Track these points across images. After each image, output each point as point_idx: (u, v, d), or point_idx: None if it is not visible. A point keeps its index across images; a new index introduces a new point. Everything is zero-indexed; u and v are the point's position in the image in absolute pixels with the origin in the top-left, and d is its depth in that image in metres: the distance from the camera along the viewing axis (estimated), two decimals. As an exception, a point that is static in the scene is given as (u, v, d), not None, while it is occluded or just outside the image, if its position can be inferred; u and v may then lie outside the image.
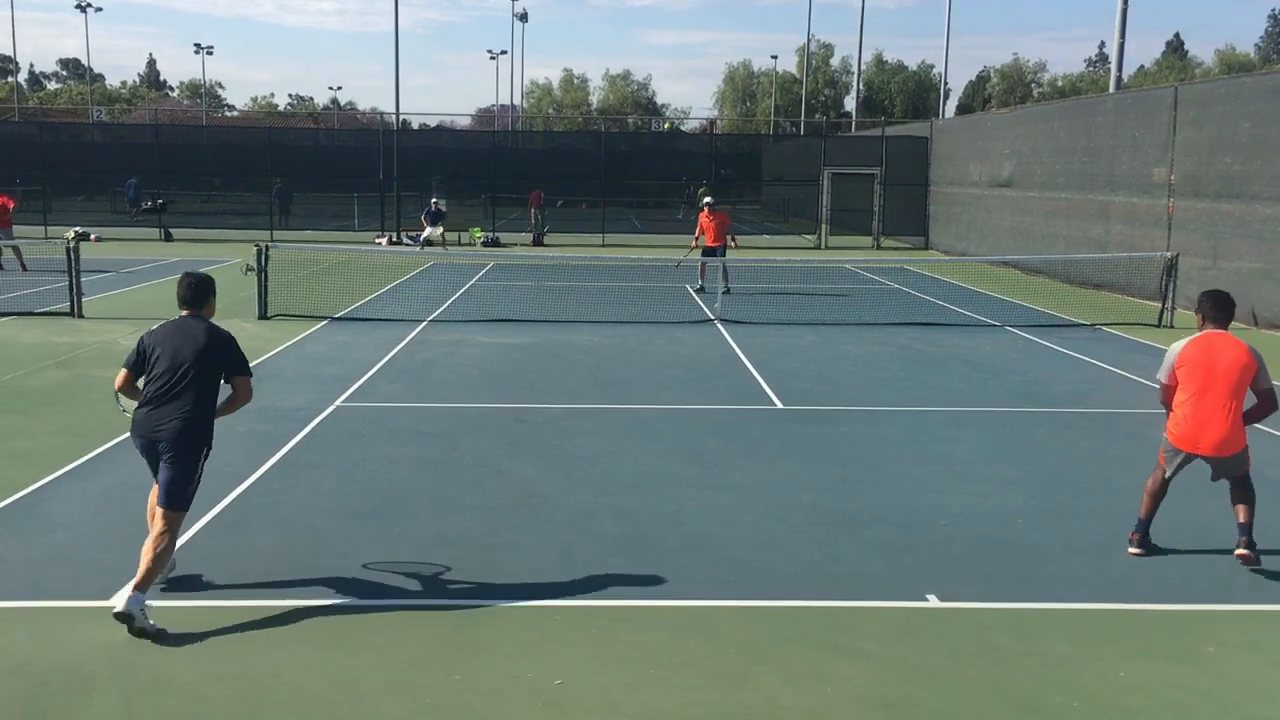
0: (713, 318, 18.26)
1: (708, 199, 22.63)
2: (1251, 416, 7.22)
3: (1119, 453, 10.11)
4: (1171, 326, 17.78)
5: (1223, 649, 6.00)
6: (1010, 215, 28.65)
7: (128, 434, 10.01)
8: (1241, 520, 7.15)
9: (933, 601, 6.57)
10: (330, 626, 6.13)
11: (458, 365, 13.94)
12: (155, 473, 6.52)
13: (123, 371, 6.63)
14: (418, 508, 8.19)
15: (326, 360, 14.10)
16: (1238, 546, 7.07)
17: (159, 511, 6.35)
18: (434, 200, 32.86)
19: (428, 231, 31.82)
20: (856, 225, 37.73)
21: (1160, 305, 18.32)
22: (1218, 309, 7.36)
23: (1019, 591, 6.78)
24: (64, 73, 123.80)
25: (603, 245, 34.18)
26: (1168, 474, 7.46)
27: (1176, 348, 7.34)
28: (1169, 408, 7.46)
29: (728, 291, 21.37)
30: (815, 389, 12.80)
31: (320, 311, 18.03)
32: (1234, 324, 7.71)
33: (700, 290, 21.81)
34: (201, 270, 7.19)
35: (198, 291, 6.69)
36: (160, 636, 5.90)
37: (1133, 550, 7.39)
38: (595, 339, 16.08)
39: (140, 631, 5.89)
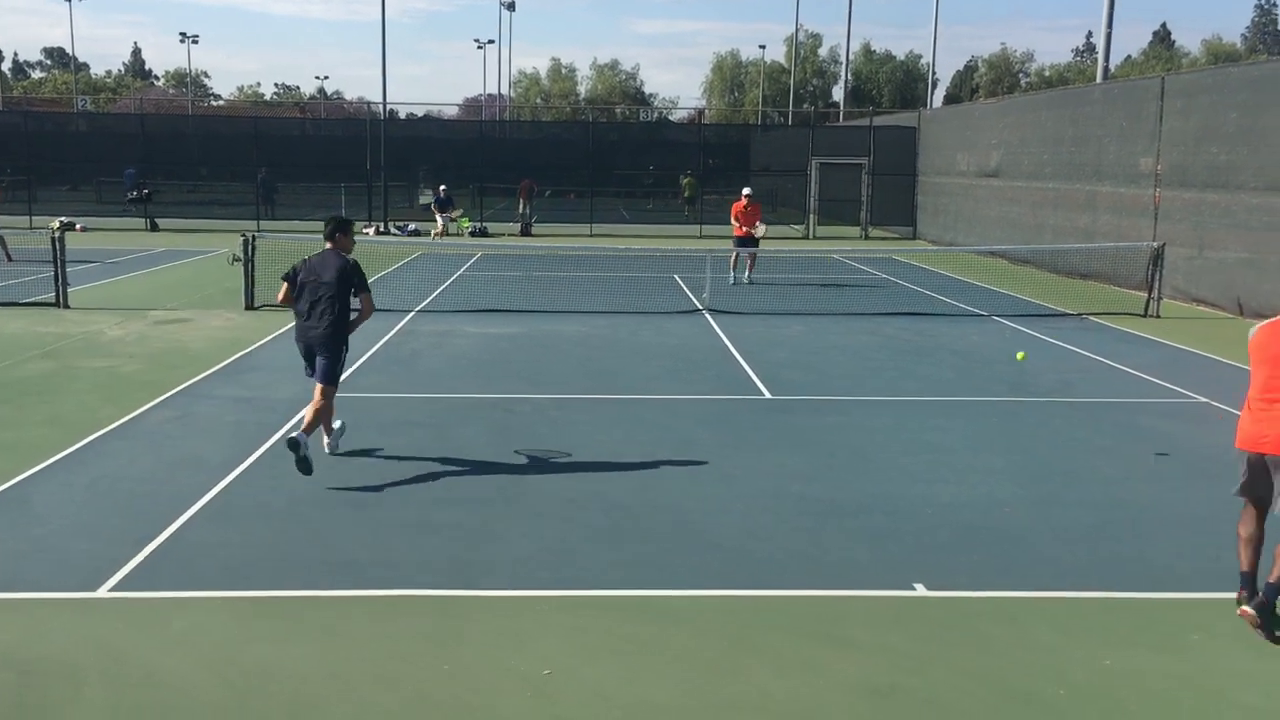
0: (701, 308, 18.27)
1: (747, 190, 22.66)
2: None
3: (1105, 442, 10.15)
4: (1158, 316, 17.84)
5: (1207, 637, 6.04)
6: (998, 205, 28.69)
7: (113, 425, 10.04)
8: (1272, 579, 5.90)
9: (920, 590, 6.60)
10: (318, 617, 6.12)
11: (446, 355, 13.92)
12: (310, 365, 9.02)
13: (283, 289, 9.11)
14: (405, 498, 8.18)
15: (314, 351, 14.04)
16: (1251, 601, 5.99)
17: (318, 388, 8.86)
18: (441, 187, 32.50)
19: (441, 222, 31.34)
20: (844, 215, 37.75)
21: (1146, 295, 18.38)
22: None
23: (1006, 580, 6.81)
24: (48, 62, 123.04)
25: (590, 235, 34.13)
26: (1238, 491, 6.34)
27: (1250, 332, 6.32)
28: None
29: (751, 282, 21.42)
30: (803, 379, 12.82)
31: (307, 302, 17.94)
32: (1218, 312, 7.71)
33: (735, 284, 21.64)
34: (341, 215, 9.34)
35: (336, 228, 9.10)
36: (306, 465, 8.17)
37: (1242, 610, 6.02)
38: (584, 329, 16.07)
39: (304, 460, 8.21)
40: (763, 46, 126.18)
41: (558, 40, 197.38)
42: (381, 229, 34.53)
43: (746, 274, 22.21)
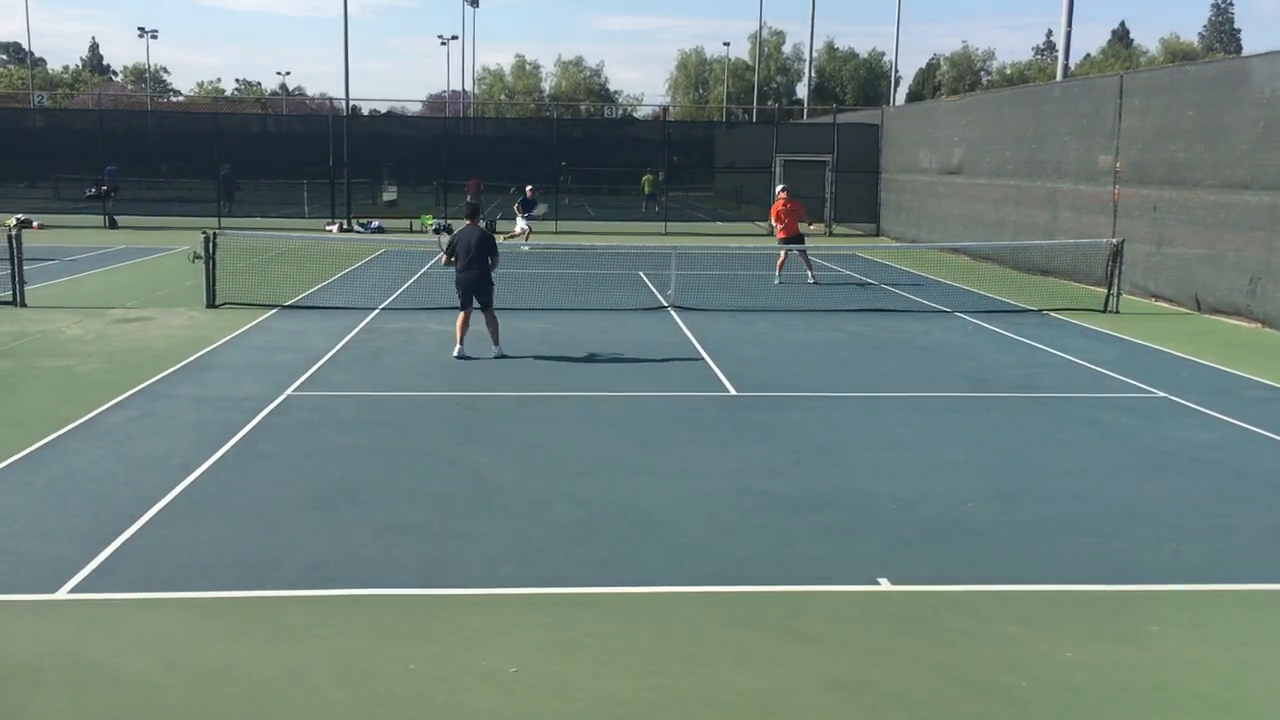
0: (667, 305, 18.28)
1: (781, 186, 22.51)
2: None
3: (1066, 437, 10.26)
4: (1117, 312, 18.04)
5: (1166, 628, 6.12)
6: (960, 202, 28.91)
7: (73, 425, 9.92)
8: None
9: (884, 585, 6.64)
10: (282, 617, 6.08)
11: (410, 353, 13.86)
12: (465, 304, 13.59)
13: (443, 256, 13.96)
14: (370, 497, 8.14)
15: (276, 349, 13.96)
16: None
17: (486, 313, 13.64)
18: (529, 188, 30.57)
19: (521, 224, 29.38)
20: (808, 212, 37.84)
21: (1106, 291, 18.58)
22: None
23: (969, 574, 6.87)
24: (3, 57, 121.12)
25: (555, 233, 34.06)
26: None
27: None
28: None
29: (815, 282, 21.18)
30: (768, 375, 12.87)
31: (269, 300, 17.83)
32: (1176, 308, 7.84)
33: (781, 284, 21.47)
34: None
35: (472, 211, 14.09)
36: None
37: None
38: (549, 326, 16.05)
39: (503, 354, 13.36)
40: (727, 44, 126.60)
41: (522, 36, 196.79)
42: (345, 226, 34.30)
43: (810, 276, 21.79)
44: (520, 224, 28.60)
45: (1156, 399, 11.91)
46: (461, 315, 13.62)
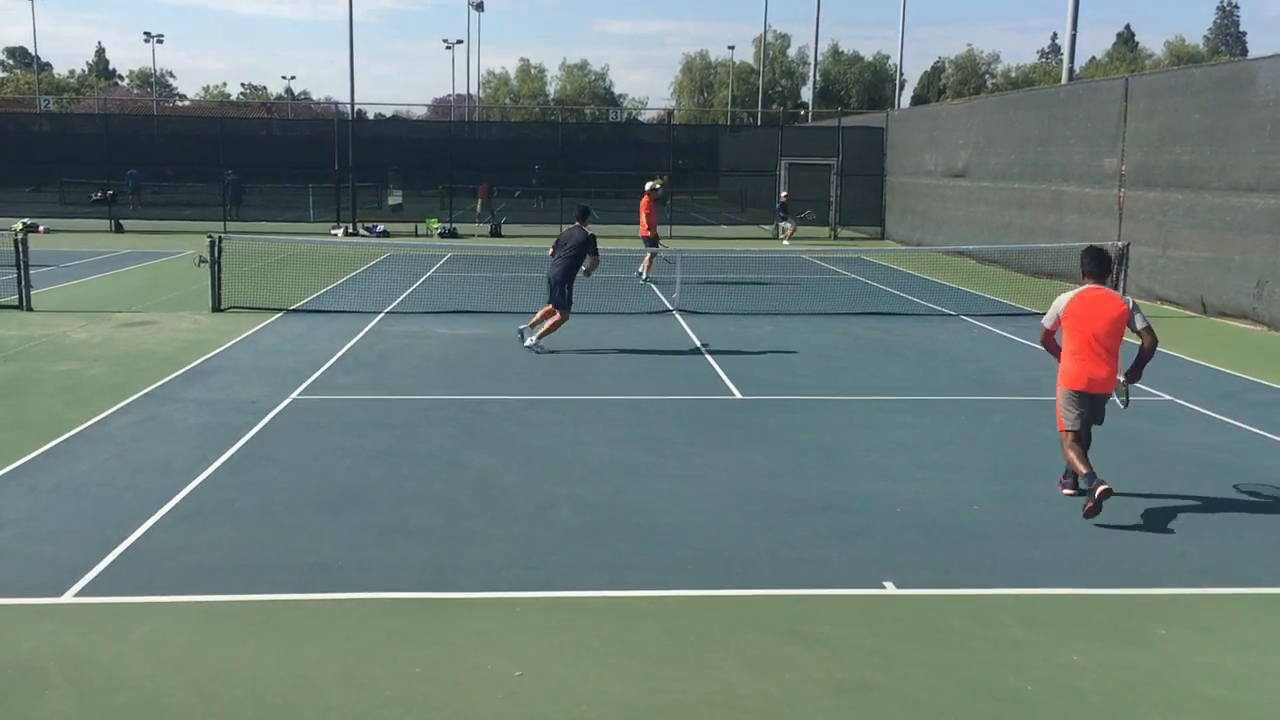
0: (672, 308, 18.29)
1: (650, 184, 22.69)
2: (1142, 356, 8.04)
3: (1072, 439, 10.22)
4: (1123, 315, 17.97)
5: (1173, 631, 6.10)
6: (965, 205, 28.89)
7: (78, 429, 9.93)
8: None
9: (890, 588, 6.63)
10: (287, 620, 6.09)
11: (415, 357, 13.86)
12: (549, 297, 14.18)
13: (550, 249, 14.52)
14: (375, 500, 8.14)
15: (282, 352, 13.97)
16: (1099, 485, 7.57)
17: (548, 307, 14.13)
18: (784, 193, 31.71)
19: (788, 225, 30.80)
20: (816, 214, 37.86)
21: (1112, 294, 18.52)
22: (1096, 265, 8.28)
23: (974, 577, 6.85)
24: (10, 61, 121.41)
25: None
26: (1074, 425, 8.04)
27: (1064, 299, 8.24)
28: (1049, 349, 8.54)
29: (646, 279, 21.43)
30: (773, 378, 12.86)
31: (275, 304, 17.86)
32: (1182, 311, 7.89)
33: None
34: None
35: (583, 214, 14.75)
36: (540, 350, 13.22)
37: (1102, 488, 7.60)
38: (553, 330, 16.03)
39: (533, 348, 13.78)
40: (731, 47, 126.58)
41: (526, 40, 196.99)
42: (350, 230, 34.34)
43: (643, 273, 22.68)
44: (787, 225, 31.16)
45: (1162, 402, 11.88)
46: (545, 307, 14.31)
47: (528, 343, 14.07)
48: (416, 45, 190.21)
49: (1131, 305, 8.07)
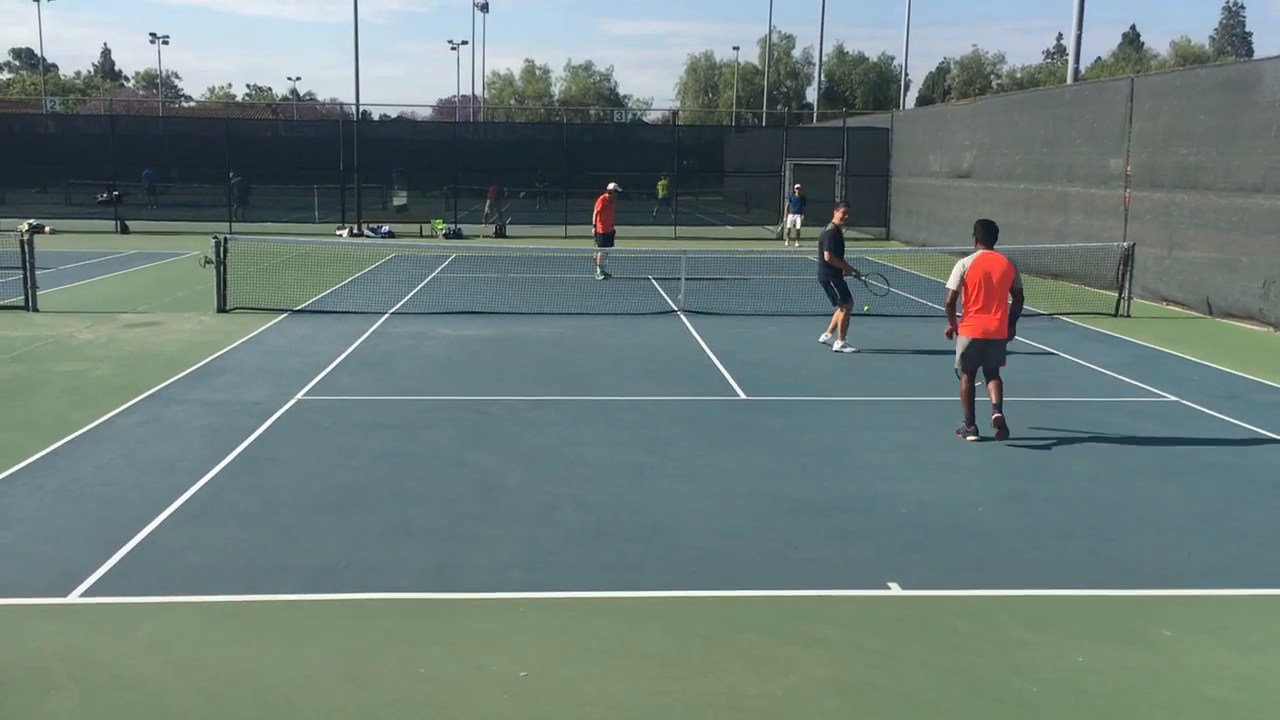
0: (676, 309, 18.29)
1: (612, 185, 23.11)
2: (1014, 311, 9.94)
3: (1076, 440, 10.23)
4: (1128, 316, 17.98)
5: (1178, 632, 6.09)
6: (970, 206, 28.82)
7: (84, 430, 9.94)
8: (995, 400, 9.92)
9: (894, 589, 6.62)
10: (291, 620, 6.09)
11: (419, 357, 13.88)
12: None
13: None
14: (379, 500, 8.15)
15: (287, 353, 13.99)
16: (995, 413, 9.82)
17: (838, 309, 14.62)
18: (797, 185, 32.19)
19: (792, 220, 31.35)
20: (818, 216, 37.81)
21: (1117, 295, 18.53)
22: (988, 234, 10.00)
23: (978, 577, 6.85)
24: (16, 62, 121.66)
25: (565, 237, 34.10)
26: (966, 366, 10.01)
27: (965, 263, 9.89)
28: (951, 310, 10.18)
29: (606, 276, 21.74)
30: (777, 379, 12.85)
31: (280, 304, 17.89)
32: (1188, 312, 7.87)
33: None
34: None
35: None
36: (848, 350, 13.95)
37: (972, 438, 9.88)
38: (558, 330, 16.06)
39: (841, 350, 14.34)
40: (736, 48, 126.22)
41: (532, 41, 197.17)
42: (355, 231, 34.37)
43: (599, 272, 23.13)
44: (792, 220, 32.11)
45: (1167, 403, 11.86)
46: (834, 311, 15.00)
47: (836, 348, 14.57)
48: (422, 46, 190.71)
49: (1014, 265, 9.88)
